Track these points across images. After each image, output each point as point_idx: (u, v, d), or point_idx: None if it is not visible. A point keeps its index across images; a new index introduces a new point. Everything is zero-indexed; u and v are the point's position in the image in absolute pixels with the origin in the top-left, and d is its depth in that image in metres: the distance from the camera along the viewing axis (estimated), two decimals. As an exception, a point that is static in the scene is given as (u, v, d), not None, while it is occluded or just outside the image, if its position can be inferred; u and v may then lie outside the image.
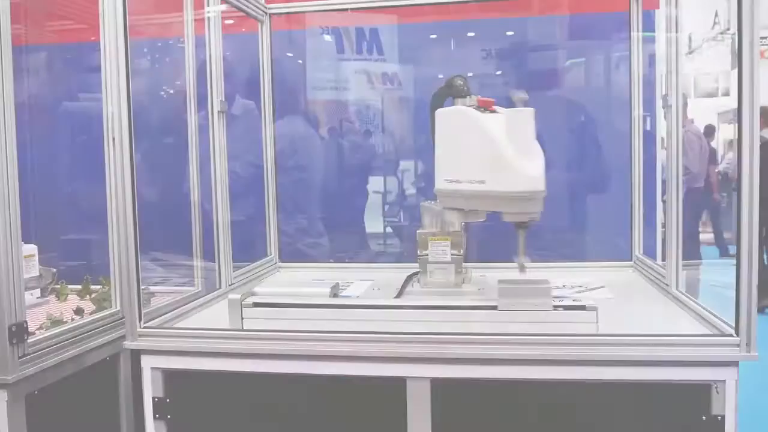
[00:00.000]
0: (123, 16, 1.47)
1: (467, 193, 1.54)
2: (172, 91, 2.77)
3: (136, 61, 2.73)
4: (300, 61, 2.80)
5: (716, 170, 7.69)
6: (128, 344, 1.53)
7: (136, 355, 1.56)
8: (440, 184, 1.63)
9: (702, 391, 1.36)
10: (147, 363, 1.53)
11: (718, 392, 1.35)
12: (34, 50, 2.83)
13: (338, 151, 2.94)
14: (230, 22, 2.42)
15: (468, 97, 1.63)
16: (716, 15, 9.72)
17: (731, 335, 1.35)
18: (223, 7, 2.09)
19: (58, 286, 2.30)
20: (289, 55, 2.81)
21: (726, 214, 7.89)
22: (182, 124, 2.01)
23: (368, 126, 2.91)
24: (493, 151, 1.47)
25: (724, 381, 1.34)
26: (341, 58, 2.80)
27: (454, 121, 1.61)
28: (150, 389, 1.53)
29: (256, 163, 2.47)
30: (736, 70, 1.30)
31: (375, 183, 2.96)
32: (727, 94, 10.33)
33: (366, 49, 2.80)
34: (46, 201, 2.74)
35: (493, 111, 1.56)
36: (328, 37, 2.80)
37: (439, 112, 1.65)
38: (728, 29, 9.48)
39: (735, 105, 1.30)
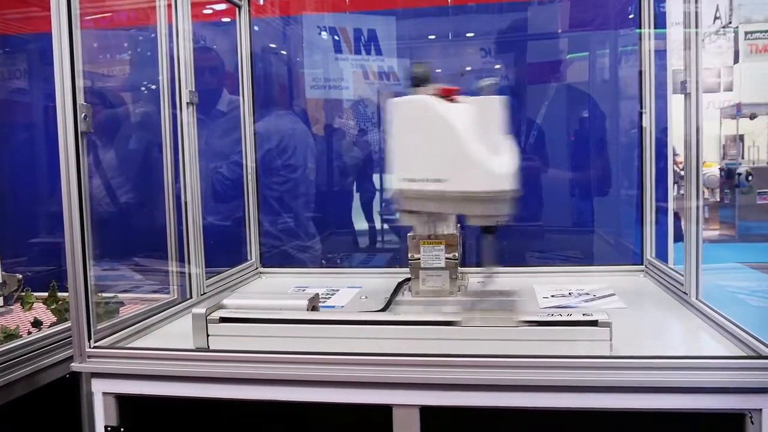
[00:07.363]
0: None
1: (426, 194, 1.34)
2: (153, 86, 2.62)
3: (111, 53, 2.59)
4: (284, 52, 2.66)
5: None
6: (76, 366, 1.35)
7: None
8: (395, 183, 1.41)
9: (734, 422, 1.19)
10: (98, 387, 1.36)
11: (753, 423, 1.18)
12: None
13: (328, 149, 2.81)
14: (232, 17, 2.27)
15: (429, 85, 1.40)
16: (717, 9, 9.58)
17: (768, 357, 1.18)
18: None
19: (24, 294, 2.14)
20: (283, 52, 2.67)
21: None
22: (157, 119, 1.85)
23: (365, 124, 2.78)
24: (454, 145, 1.28)
25: (760, 410, 1.18)
26: (336, 53, 2.67)
27: (410, 112, 1.39)
28: (102, 417, 1.36)
29: (241, 163, 2.32)
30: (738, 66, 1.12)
31: (369, 182, 2.83)
32: (729, 89, 10.19)
33: (363, 45, 2.66)
34: (10, 202, 2.59)
35: (456, 101, 1.36)
36: (325, 35, 2.66)
37: (394, 102, 1.42)
38: (729, 23, 9.36)
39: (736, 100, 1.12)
